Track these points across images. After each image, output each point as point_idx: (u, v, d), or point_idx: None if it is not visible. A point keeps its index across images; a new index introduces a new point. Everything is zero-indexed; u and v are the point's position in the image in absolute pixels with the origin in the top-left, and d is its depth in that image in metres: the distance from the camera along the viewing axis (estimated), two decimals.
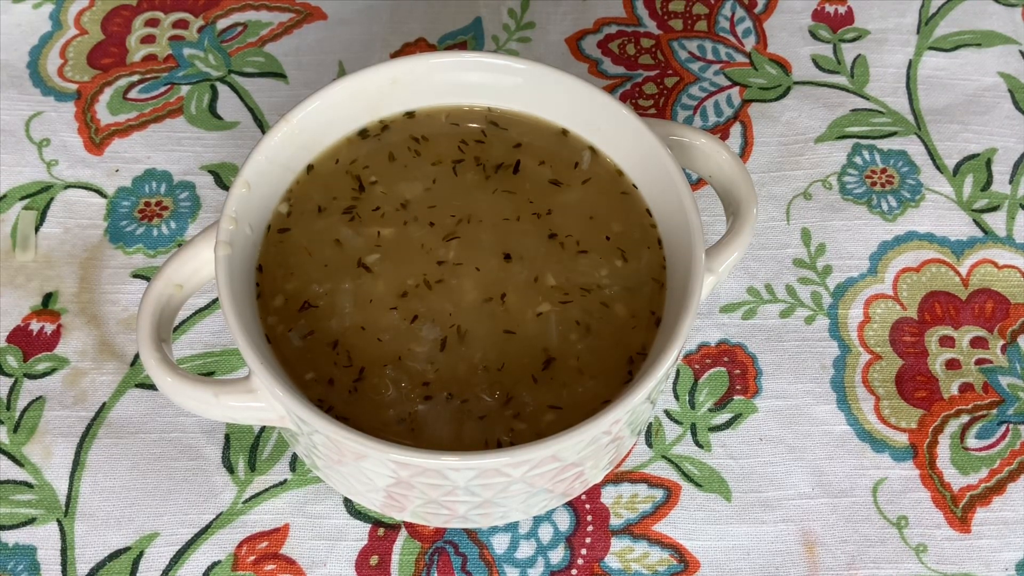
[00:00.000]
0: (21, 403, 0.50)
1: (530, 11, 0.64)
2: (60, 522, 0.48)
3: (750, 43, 0.63)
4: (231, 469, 0.49)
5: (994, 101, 0.61)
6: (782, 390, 0.52)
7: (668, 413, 0.51)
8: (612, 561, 0.47)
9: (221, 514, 0.48)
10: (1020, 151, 0.59)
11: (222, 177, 0.57)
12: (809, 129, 0.59)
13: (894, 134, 0.59)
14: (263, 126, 0.59)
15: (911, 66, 0.62)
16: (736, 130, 0.59)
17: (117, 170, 0.58)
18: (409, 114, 0.48)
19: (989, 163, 0.58)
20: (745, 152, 0.59)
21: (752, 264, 0.55)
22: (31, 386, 0.51)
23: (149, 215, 0.56)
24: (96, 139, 0.58)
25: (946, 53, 0.63)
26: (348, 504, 0.48)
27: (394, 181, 0.47)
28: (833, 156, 0.58)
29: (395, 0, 0.64)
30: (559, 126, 0.48)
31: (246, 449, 0.50)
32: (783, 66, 0.62)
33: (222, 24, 0.63)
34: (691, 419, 0.51)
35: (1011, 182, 0.58)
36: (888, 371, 0.52)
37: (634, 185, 0.47)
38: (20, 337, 0.52)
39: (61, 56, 0.62)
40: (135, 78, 0.61)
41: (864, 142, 0.59)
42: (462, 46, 0.62)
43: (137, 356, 0.52)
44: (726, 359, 0.52)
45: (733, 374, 0.52)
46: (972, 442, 0.50)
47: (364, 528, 0.48)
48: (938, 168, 0.58)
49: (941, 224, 0.56)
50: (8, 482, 0.49)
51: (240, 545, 0.47)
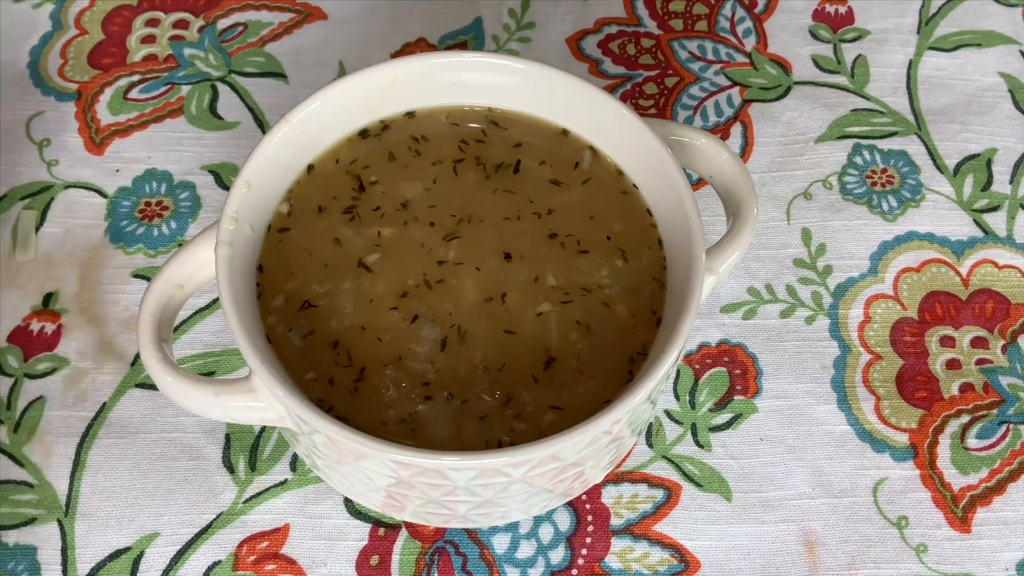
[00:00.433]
0: (21, 403, 0.50)
1: (530, 11, 0.64)
2: (60, 522, 0.48)
3: (750, 43, 0.63)
4: (231, 469, 0.49)
5: (994, 101, 0.61)
6: (782, 390, 0.52)
7: (668, 413, 0.51)
8: (612, 561, 0.47)
9: (221, 514, 0.48)
10: (1020, 151, 0.59)
11: (222, 177, 0.57)
12: (809, 129, 0.59)
13: (894, 134, 0.59)
14: (263, 126, 0.59)
15: (911, 66, 0.62)
16: (736, 130, 0.59)
17: (117, 170, 0.58)
18: (409, 114, 0.48)
19: (989, 163, 0.58)
20: (745, 152, 0.59)
21: (752, 264, 0.55)
22: (31, 386, 0.51)
23: (149, 215, 0.56)
24: (96, 139, 0.58)
25: (946, 53, 0.63)
26: (348, 504, 0.48)
27: (394, 181, 0.47)
28: (833, 156, 0.58)
29: (395, 0, 0.64)
30: (559, 126, 0.48)
31: (246, 449, 0.50)
32: (783, 66, 0.62)
33: (222, 24, 0.63)
34: (691, 419, 0.51)
35: (1011, 182, 0.58)
36: (888, 371, 0.52)
37: (634, 185, 0.47)
38: (20, 337, 0.52)
39: (61, 56, 0.62)
40: (135, 78, 0.61)
41: (864, 142, 0.59)
42: (462, 46, 0.62)
43: (137, 356, 0.52)
44: (726, 359, 0.52)
45: (733, 374, 0.52)
46: (972, 442, 0.50)
47: (364, 528, 0.48)
48: (938, 168, 0.58)
49: (941, 224, 0.56)
50: (8, 482, 0.49)
51: (240, 545, 0.47)
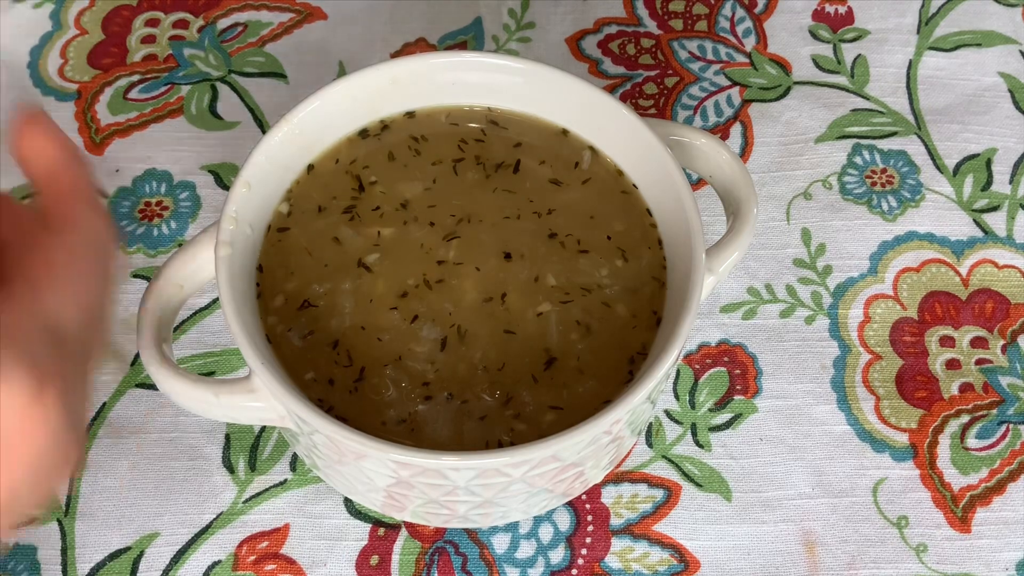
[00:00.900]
0: None
1: (530, 11, 0.64)
2: (60, 522, 0.48)
3: (750, 43, 0.63)
4: (231, 469, 0.49)
5: (994, 101, 0.61)
6: (782, 390, 0.52)
7: (668, 413, 0.51)
8: (612, 561, 0.47)
9: (221, 514, 0.48)
10: (1020, 151, 0.59)
11: (222, 177, 0.57)
12: (809, 129, 0.59)
13: (894, 134, 0.59)
14: (263, 126, 0.59)
15: (911, 66, 0.62)
16: (736, 130, 0.59)
17: (117, 170, 0.57)
18: (409, 114, 0.48)
19: (989, 163, 0.58)
20: (745, 152, 0.59)
21: (752, 264, 0.55)
22: None
23: (149, 215, 0.56)
24: (96, 139, 0.58)
25: (946, 53, 0.63)
26: (348, 504, 0.48)
27: (394, 181, 0.47)
28: (833, 156, 0.58)
29: (395, 0, 0.64)
30: (559, 126, 0.48)
31: (246, 449, 0.50)
32: (783, 66, 0.62)
33: (222, 24, 0.63)
34: (691, 419, 0.51)
35: (1011, 182, 0.58)
36: (888, 371, 0.52)
37: (634, 185, 0.47)
38: None
39: (61, 56, 0.62)
40: (135, 78, 0.61)
41: (864, 142, 0.59)
42: (462, 46, 0.62)
43: (137, 356, 0.52)
44: (726, 359, 0.52)
45: (733, 374, 0.52)
46: (972, 442, 0.50)
47: (364, 528, 0.48)
48: (938, 168, 0.58)
49: (941, 224, 0.56)
50: None
51: (240, 545, 0.47)
